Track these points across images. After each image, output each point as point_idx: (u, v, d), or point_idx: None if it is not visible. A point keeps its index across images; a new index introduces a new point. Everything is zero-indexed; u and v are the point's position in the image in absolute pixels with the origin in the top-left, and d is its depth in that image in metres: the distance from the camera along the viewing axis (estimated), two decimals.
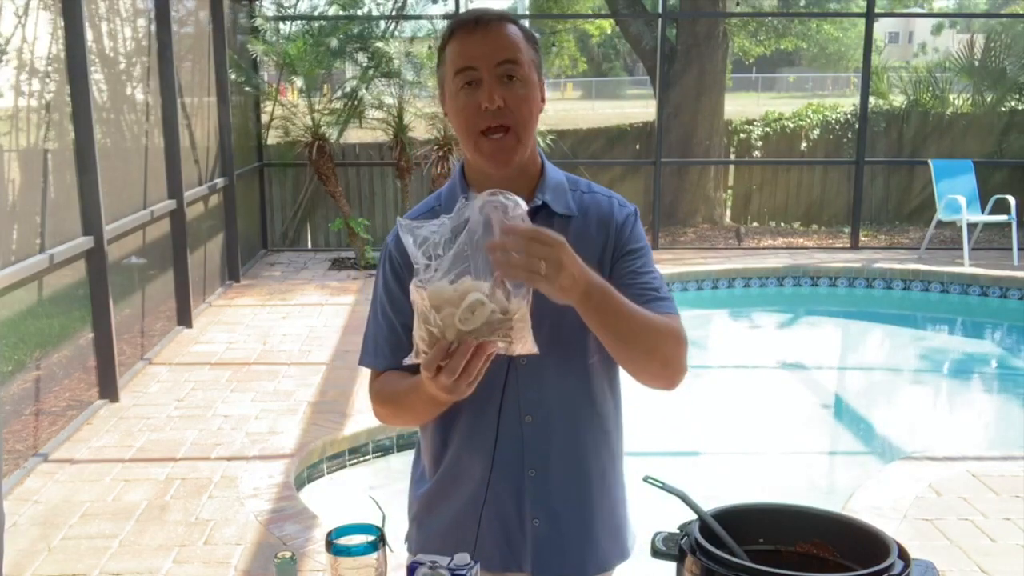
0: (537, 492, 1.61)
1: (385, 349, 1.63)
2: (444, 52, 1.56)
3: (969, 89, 11.93)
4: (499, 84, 1.50)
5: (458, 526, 1.64)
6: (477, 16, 1.53)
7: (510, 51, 1.51)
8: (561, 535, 1.63)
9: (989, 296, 8.17)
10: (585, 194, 1.64)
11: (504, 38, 1.52)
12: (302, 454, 4.38)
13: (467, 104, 1.51)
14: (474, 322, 1.27)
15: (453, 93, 1.53)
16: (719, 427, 5.62)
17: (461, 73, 1.51)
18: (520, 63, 1.51)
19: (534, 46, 1.56)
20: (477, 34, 1.51)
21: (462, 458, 1.62)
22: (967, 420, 6.18)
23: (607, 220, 1.61)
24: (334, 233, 9.68)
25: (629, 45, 15.06)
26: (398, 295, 1.60)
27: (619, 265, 1.59)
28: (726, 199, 11.69)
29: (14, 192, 4.48)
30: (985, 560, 3.42)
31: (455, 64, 1.52)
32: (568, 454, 1.62)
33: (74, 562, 3.40)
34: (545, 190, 1.59)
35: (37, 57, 4.66)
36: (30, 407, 4.53)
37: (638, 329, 1.47)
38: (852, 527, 1.36)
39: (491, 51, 1.50)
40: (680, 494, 1.38)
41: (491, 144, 1.52)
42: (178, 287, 6.60)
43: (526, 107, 1.52)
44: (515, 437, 1.58)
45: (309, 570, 3.31)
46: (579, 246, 1.54)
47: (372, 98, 8.67)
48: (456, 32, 1.54)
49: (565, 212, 1.59)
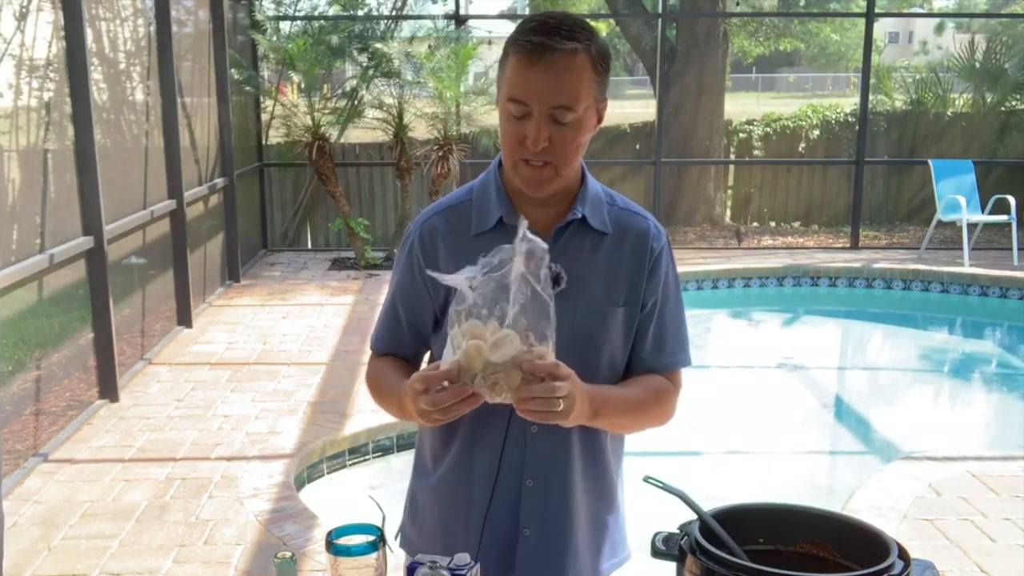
0: (532, 502, 1.60)
1: (384, 334, 1.69)
2: (507, 57, 1.47)
3: (970, 90, 11.93)
4: (549, 123, 1.45)
5: (454, 526, 1.64)
6: (543, 40, 1.42)
7: (568, 95, 1.43)
8: (547, 548, 1.62)
9: (989, 296, 8.17)
10: (621, 210, 1.62)
11: (566, 78, 1.43)
12: (302, 454, 4.38)
13: (515, 132, 1.48)
14: (502, 355, 1.32)
15: (504, 111, 1.48)
16: (719, 427, 5.62)
17: (513, 103, 1.45)
18: (575, 108, 1.44)
19: (602, 73, 1.48)
20: (539, 67, 1.42)
21: (466, 459, 1.61)
22: (967, 420, 6.18)
23: (643, 244, 1.60)
24: (334, 233, 9.68)
25: (629, 45, 15.04)
26: (410, 291, 1.62)
27: (648, 300, 1.61)
28: (726, 199, 11.69)
29: (14, 192, 4.48)
30: (985, 560, 3.42)
31: (509, 90, 1.46)
32: (565, 468, 1.61)
33: (74, 562, 3.40)
34: (585, 203, 1.58)
35: (37, 57, 4.65)
36: (30, 407, 4.53)
37: (636, 420, 1.63)
38: (852, 527, 1.36)
39: (548, 92, 1.43)
40: (680, 494, 1.38)
41: (530, 171, 1.50)
42: (178, 287, 6.60)
43: (572, 147, 1.49)
44: (520, 444, 1.58)
45: (309, 570, 3.31)
46: (610, 265, 1.58)
47: (372, 98, 8.68)
48: (520, 50, 1.44)
49: (600, 228, 1.58)
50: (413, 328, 1.65)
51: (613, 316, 1.58)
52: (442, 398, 1.36)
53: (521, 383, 1.33)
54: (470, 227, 1.58)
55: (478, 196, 1.61)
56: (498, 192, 1.58)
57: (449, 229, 1.60)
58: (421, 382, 1.38)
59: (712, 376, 6.90)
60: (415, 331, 1.65)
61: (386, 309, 1.68)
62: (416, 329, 1.65)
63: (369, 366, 1.72)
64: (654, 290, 1.61)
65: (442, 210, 1.63)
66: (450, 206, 1.63)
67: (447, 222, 1.61)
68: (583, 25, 1.46)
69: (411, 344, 1.67)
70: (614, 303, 1.57)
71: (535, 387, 1.33)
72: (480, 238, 1.56)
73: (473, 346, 1.32)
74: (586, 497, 1.64)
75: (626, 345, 1.61)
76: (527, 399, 1.34)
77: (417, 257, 1.60)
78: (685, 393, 1.69)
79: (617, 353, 1.61)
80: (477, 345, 1.32)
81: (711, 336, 8.44)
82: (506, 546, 1.61)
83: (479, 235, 1.57)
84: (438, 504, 1.67)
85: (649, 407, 1.62)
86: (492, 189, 1.59)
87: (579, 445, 1.61)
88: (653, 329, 1.62)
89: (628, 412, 1.59)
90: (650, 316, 1.61)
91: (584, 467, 1.62)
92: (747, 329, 8.60)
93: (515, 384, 1.33)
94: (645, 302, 1.60)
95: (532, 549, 1.61)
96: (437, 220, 1.61)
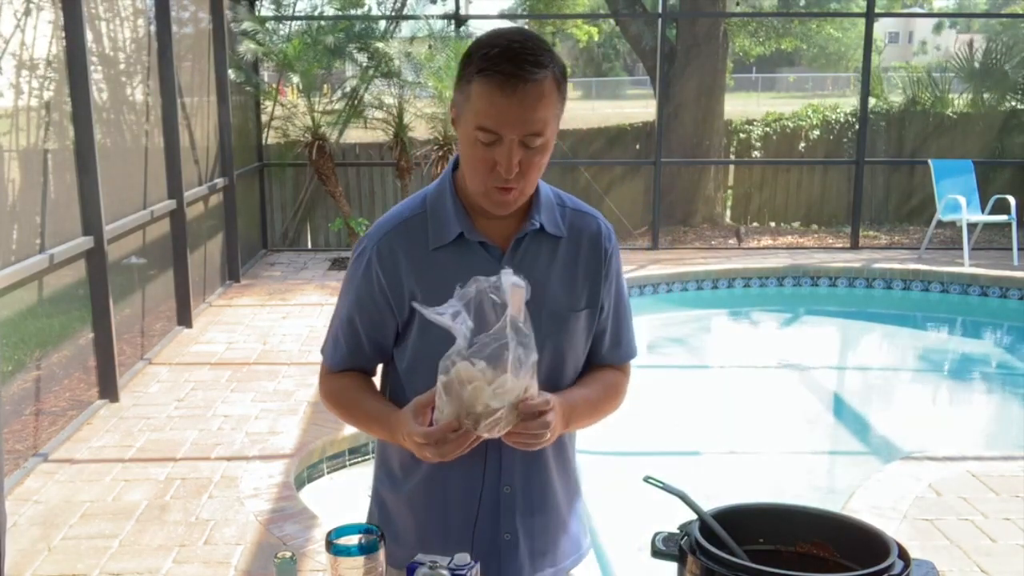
0: (509, 508, 1.63)
1: (343, 351, 1.66)
2: (471, 79, 1.44)
3: (970, 90, 11.93)
4: (520, 149, 1.45)
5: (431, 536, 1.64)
6: (514, 71, 1.40)
7: (540, 123, 1.44)
8: (524, 551, 1.65)
9: (989, 296, 8.17)
10: (572, 211, 1.64)
11: (539, 107, 1.43)
12: (302, 454, 4.38)
13: (483, 158, 1.46)
14: (504, 400, 1.36)
15: (470, 137, 1.46)
16: (719, 427, 5.62)
17: (483, 131, 1.44)
18: (544, 133, 1.45)
19: (563, 92, 1.49)
20: (513, 98, 1.41)
21: (439, 472, 1.57)
22: (967, 420, 6.18)
23: (597, 247, 1.63)
24: (334, 233, 9.68)
25: (629, 45, 15.04)
26: (369, 307, 1.60)
27: (606, 301, 1.65)
28: (726, 199, 11.69)
29: (14, 192, 4.48)
30: (985, 560, 3.42)
31: (479, 119, 1.44)
32: (542, 471, 1.65)
33: (74, 562, 3.40)
34: (541, 210, 1.59)
35: (37, 57, 4.65)
36: (30, 407, 4.53)
37: (596, 417, 1.68)
38: (852, 527, 1.36)
39: (521, 122, 1.43)
40: (680, 494, 1.38)
41: (500, 195, 1.50)
42: (178, 287, 6.60)
43: (537, 171, 1.50)
44: (496, 455, 1.60)
45: (309, 570, 3.31)
46: (568, 269, 1.61)
47: (372, 98, 8.67)
48: (490, 81, 1.41)
49: (555, 232, 1.60)
50: (374, 344, 1.64)
51: (576, 320, 1.60)
52: (449, 450, 1.39)
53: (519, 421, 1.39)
54: (427, 240, 1.57)
55: (432, 208, 1.59)
56: (455, 205, 1.57)
57: (408, 243, 1.57)
58: (423, 437, 1.40)
59: (712, 376, 6.90)
60: (376, 346, 1.64)
61: (342, 325, 1.65)
62: (377, 344, 1.64)
63: (325, 383, 1.69)
64: (610, 290, 1.65)
65: (398, 223, 1.60)
66: (405, 219, 1.60)
67: (405, 236, 1.58)
68: (544, 45, 1.46)
69: (373, 358, 1.67)
70: (575, 307, 1.60)
71: (530, 424, 1.40)
72: (438, 252, 1.56)
73: (475, 392, 1.35)
74: (562, 494, 1.69)
75: (587, 345, 1.65)
76: (520, 434, 1.41)
77: (376, 273, 1.57)
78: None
79: (580, 355, 1.65)
80: (478, 388, 1.35)
81: (711, 336, 8.44)
82: (489, 552, 1.63)
83: (437, 249, 1.56)
84: (413, 515, 1.67)
85: (607, 403, 1.68)
86: (448, 202, 1.58)
87: (551, 447, 1.63)
88: (611, 326, 1.67)
89: (591, 413, 1.65)
90: (608, 316, 1.66)
91: (557, 465, 1.67)
92: (747, 329, 8.60)
93: (513, 422, 1.39)
94: (603, 304, 1.64)
95: (510, 553, 1.64)
96: (395, 236, 1.58)
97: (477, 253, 1.56)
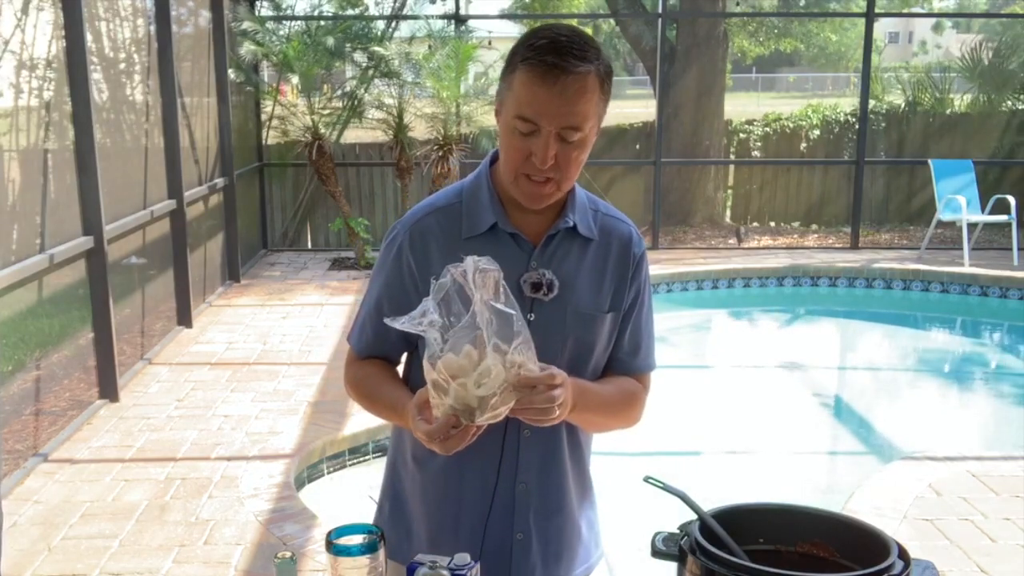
0: (524, 506, 1.62)
1: (369, 336, 1.66)
2: (515, 68, 1.45)
3: (973, 91, 11.92)
4: (556, 142, 1.45)
5: (443, 532, 1.63)
6: (557, 62, 1.41)
7: (579, 117, 1.44)
8: (536, 553, 1.64)
9: (989, 296, 8.17)
10: (605, 216, 1.64)
11: (579, 100, 1.43)
12: (302, 454, 4.38)
13: (520, 147, 1.47)
14: (491, 386, 1.32)
15: (509, 125, 1.47)
16: (719, 427, 5.61)
17: (522, 120, 1.44)
18: (583, 128, 1.45)
19: (607, 91, 1.49)
20: (554, 88, 1.41)
21: (455, 465, 1.57)
22: (967, 420, 6.17)
23: (627, 251, 1.63)
24: (334, 233, 9.68)
25: (629, 45, 15.03)
26: (398, 292, 1.60)
27: (628, 303, 1.64)
28: (726, 199, 11.68)
29: (14, 192, 4.48)
30: (985, 560, 3.42)
31: (519, 107, 1.44)
32: (558, 469, 1.64)
33: (74, 562, 3.40)
34: (575, 210, 1.59)
35: (37, 57, 4.65)
36: (30, 407, 4.53)
37: (608, 418, 1.65)
38: (852, 527, 1.36)
39: (560, 114, 1.43)
40: (680, 494, 1.38)
41: (531, 186, 1.50)
42: (178, 287, 6.60)
43: (575, 166, 1.49)
44: (513, 450, 1.59)
45: (309, 570, 3.31)
46: (597, 271, 1.60)
47: (372, 98, 8.67)
48: (533, 70, 1.42)
49: (587, 234, 1.60)
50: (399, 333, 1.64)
51: (601, 322, 1.60)
52: (453, 444, 1.38)
53: (520, 397, 1.35)
54: (460, 229, 1.57)
55: (468, 199, 1.59)
56: (491, 197, 1.57)
57: (441, 231, 1.58)
58: (425, 434, 1.39)
59: (712, 376, 6.90)
60: (402, 333, 1.64)
61: (369, 311, 1.65)
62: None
63: (351, 369, 1.70)
64: (634, 294, 1.64)
65: (433, 211, 1.60)
66: (440, 207, 1.61)
67: (438, 224, 1.59)
68: (591, 43, 1.46)
69: (399, 345, 1.65)
70: (601, 309, 1.60)
71: (535, 399, 1.36)
72: (471, 241, 1.55)
73: (460, 388, 1.32)
74: (576, 498, 1.68)
75: (608, 349, 1.65)
76: (526, 409, 1.37)
77: (407, 258, 1.58)
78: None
79: (601, 357, 1.64)
80: (463, 385, 1.32)
81: (711, 336, 8.44)
82: (500, 551, 1.61)
83: (470, 239, 1.56)
84: (426, 507, 1.66)
85: (621, 407, 1.66)
86: (484, 193, 1.58)
87: (568, 447, 1.63)
88: (630, 332, 1.66)
89: (602, 409, 1.62)
90: (628, 318, 1.65)
91: (573, 467, 1.66)
92: (747, 329, 8.60)
93: (512, 402, 1.35)
94: (626, 305, 1.63)
95: (522, 552, 1.62)
96: (428, 221, 1.59)
97: (508, 245, 1.55)
